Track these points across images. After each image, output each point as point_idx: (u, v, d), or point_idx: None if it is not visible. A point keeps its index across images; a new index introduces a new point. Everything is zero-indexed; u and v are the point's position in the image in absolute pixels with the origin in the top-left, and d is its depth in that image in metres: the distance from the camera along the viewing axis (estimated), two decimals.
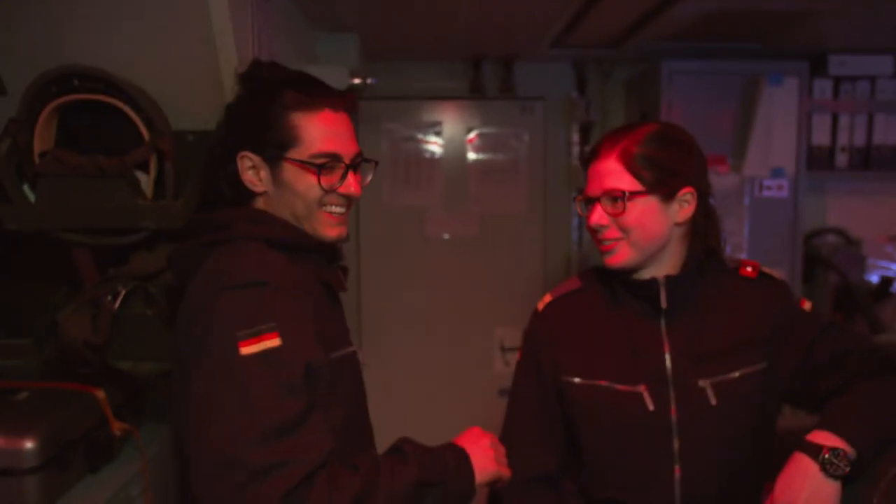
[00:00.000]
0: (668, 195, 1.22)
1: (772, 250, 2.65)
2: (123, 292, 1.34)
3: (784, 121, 2.57)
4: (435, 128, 3.04)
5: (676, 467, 1.23)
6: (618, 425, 1.27)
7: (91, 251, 1.62)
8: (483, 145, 3.05)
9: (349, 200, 1.17)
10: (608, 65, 2.96)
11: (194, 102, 1.40)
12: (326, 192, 1.12)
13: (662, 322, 1.27)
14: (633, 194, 1.20)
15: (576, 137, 3.00)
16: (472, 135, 3.05)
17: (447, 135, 3.05)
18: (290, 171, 1.11)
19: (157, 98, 1.36)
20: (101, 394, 1.54)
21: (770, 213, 2.65)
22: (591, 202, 1.25)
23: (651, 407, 1.24)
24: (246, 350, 0.96)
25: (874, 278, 2.85)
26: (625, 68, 2.96)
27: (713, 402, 1.23)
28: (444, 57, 2.93)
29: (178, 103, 1.40)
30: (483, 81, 2.97)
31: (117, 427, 1.56)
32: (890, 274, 2.85)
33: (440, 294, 3.07)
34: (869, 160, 2.75)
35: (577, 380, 1.30)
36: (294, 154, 1.10)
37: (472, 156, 3.06)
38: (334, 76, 2.21)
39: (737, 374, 1.24)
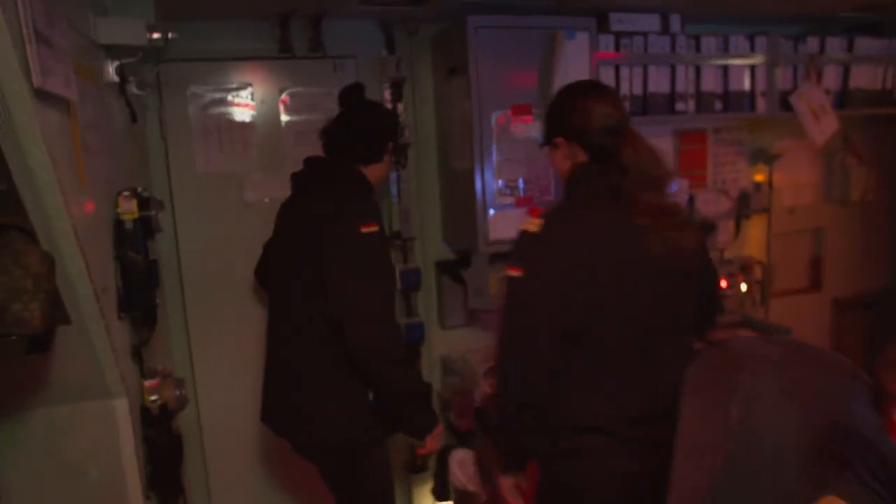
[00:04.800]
0: None
1: None
2: None
3: (578, 72, 2.54)
4: (245, 90, 2.68)
5: None
6: None
7: None
8: (296, 106, 2.74)
9: None
10: (413, 23, 2.76)
11: None
12: None
13: None
14: None
15: (387, 94, 2.79)
16: (284, 95, 2.73)
17: (259, 97, 2.69)
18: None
19: None
20: None
21: None
22: None
23: None
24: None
25: None
26: (429, 26, 2.77)
27: None
28: (249, 15, 2.56)
29: None
30: (292, 41, 2.64)
31: None
32: None
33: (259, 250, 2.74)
34: (646, 106, 2.83)
35: None
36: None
37: (285, 117, 2.74)
38: (129, 30, 1.81)
39: None
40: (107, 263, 1.59)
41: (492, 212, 2.53)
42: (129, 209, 1.61)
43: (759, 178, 3.52)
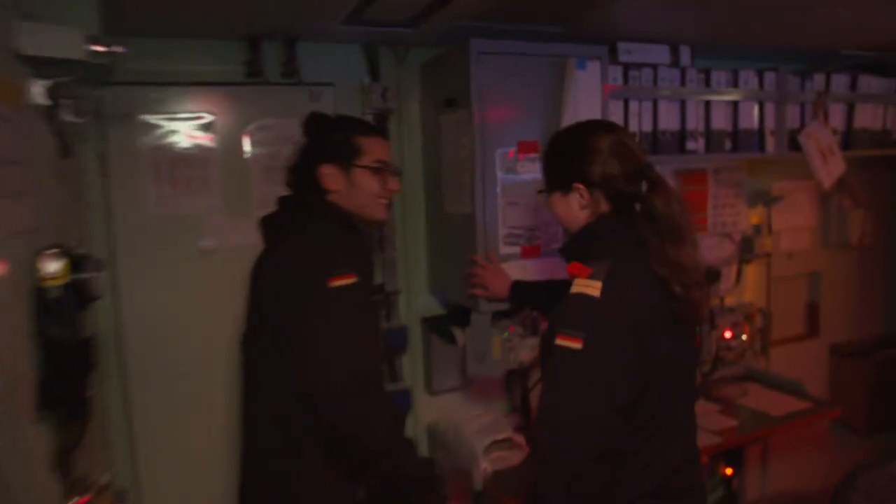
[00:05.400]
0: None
1: None
2: None
3: (589, 105, 2.23)
4: (206, 120, 2.27)
5: None
6: None
7: None
8: (266, 138, 2.35)
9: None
10: (402, 47, 2.42)
11: None
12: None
13: None
14: None
15: None
16: (251, 126, 2.33)
17: (222, 128, 2.29)
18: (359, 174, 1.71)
19: None
20: None
21: None
22: None
23: None
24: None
25: None
26: (420, 51, 2.43)
27: None
28: (214, 34, 2.17)
29: None
30: (262, 65, 2.26)
31: None
32: None
33: (224, 313, 2.28)
34: (656, 144, 2.55)
35: None
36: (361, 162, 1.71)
37: (252, 151, 2.35)
38: (62, 40, 1.41)
39: None
40: (19, 347, 1.16)
41: None
42: (54, 272, 1.19)
43: (755, 220, 3.30)
